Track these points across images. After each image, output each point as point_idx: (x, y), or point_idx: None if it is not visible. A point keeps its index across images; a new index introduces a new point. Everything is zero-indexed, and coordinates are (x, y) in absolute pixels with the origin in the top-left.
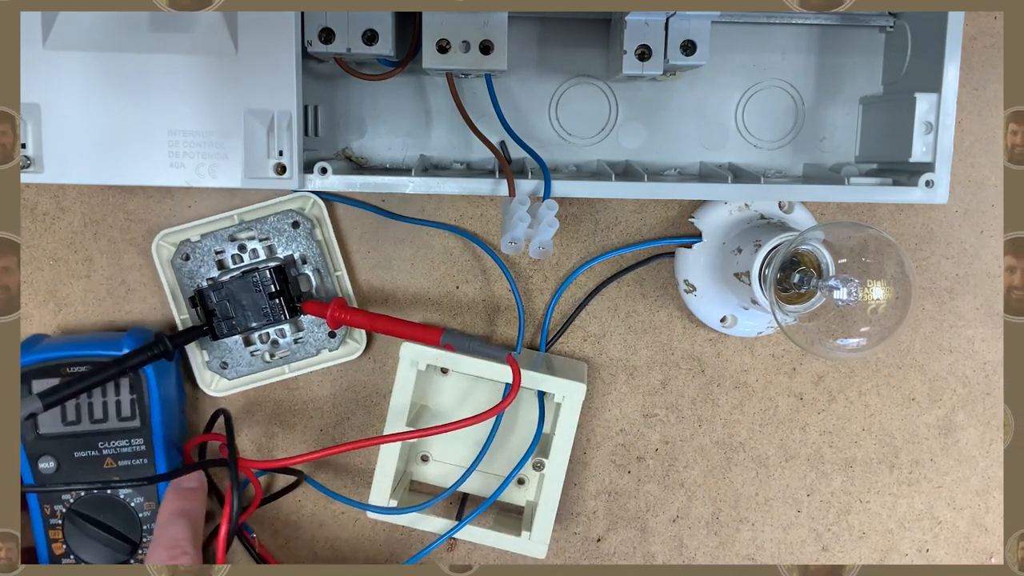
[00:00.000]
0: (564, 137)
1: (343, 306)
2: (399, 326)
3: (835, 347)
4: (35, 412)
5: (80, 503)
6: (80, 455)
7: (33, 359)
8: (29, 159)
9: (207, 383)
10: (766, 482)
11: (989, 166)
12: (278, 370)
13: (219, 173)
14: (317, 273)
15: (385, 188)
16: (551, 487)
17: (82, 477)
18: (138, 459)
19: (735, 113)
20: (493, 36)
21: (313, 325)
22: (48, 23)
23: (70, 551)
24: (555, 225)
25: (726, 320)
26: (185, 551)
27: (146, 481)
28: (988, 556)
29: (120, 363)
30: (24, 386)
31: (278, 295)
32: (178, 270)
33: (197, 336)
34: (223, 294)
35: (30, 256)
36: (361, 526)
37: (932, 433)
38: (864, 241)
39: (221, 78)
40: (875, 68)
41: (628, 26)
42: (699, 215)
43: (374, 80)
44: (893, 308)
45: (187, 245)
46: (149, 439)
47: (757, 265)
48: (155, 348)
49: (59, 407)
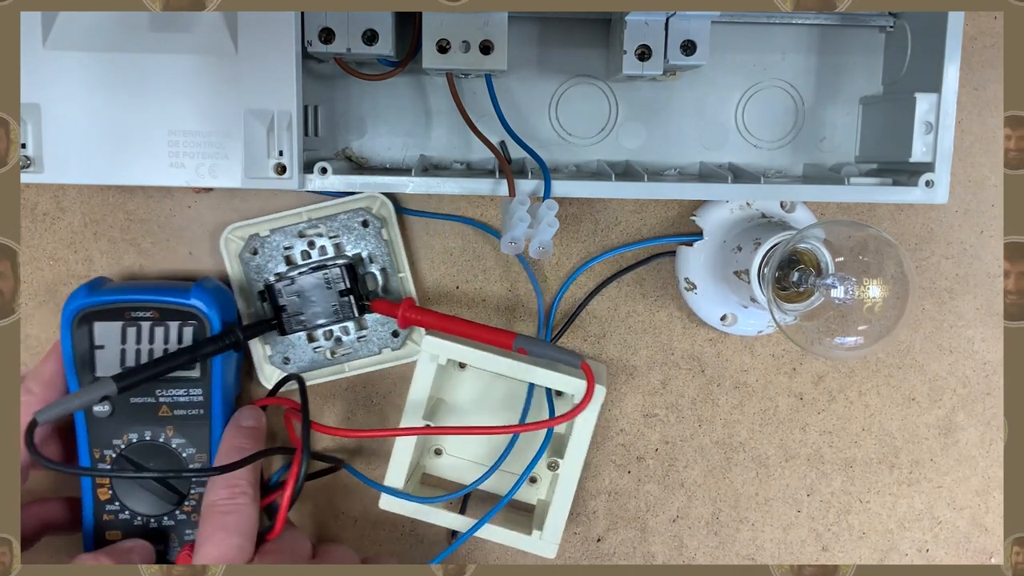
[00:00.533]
0: (564, 137)
1: (413, 306)
2: (471, 328)
3: (833, 346)
4: (109, 395)
5: (131, 449)
6: (136, 401)
7: (97, 300)
8: (29, 159)
9: (267, 377)
10: (766, 482)
11: (989, 166)
12: (338, 368)
13: (219, 173)
14: (383, 273)
15: (385, 188)
16: (565, 488)
17: (137, 423)
18: (194, 409)
19: (735, 113)
20: (493, 36)
21: (377, 324)
22: (48, 23)
23: (116, 497)
24: (555, 225)
25: (726, 318)
26: (244, 491)
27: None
28: (988, 556)
29: (191, 351)
30: (85, 327)
31: (348, 293)
32: (246, 264)
33: (266, 330)
34: (293, 289)
35: (30, 256)
36: (359, 526)
37: (932, 433)
38: (863, 240)
39: (221, 78)
40: (875, 68)
41: (628, 26)
42: (701, 213)
43: (374, 80)
44: (891, 307)
45: (256, 240)
46: (208, 390)
47: (756, 263)
48: (226, 338)
49: (120, 351)
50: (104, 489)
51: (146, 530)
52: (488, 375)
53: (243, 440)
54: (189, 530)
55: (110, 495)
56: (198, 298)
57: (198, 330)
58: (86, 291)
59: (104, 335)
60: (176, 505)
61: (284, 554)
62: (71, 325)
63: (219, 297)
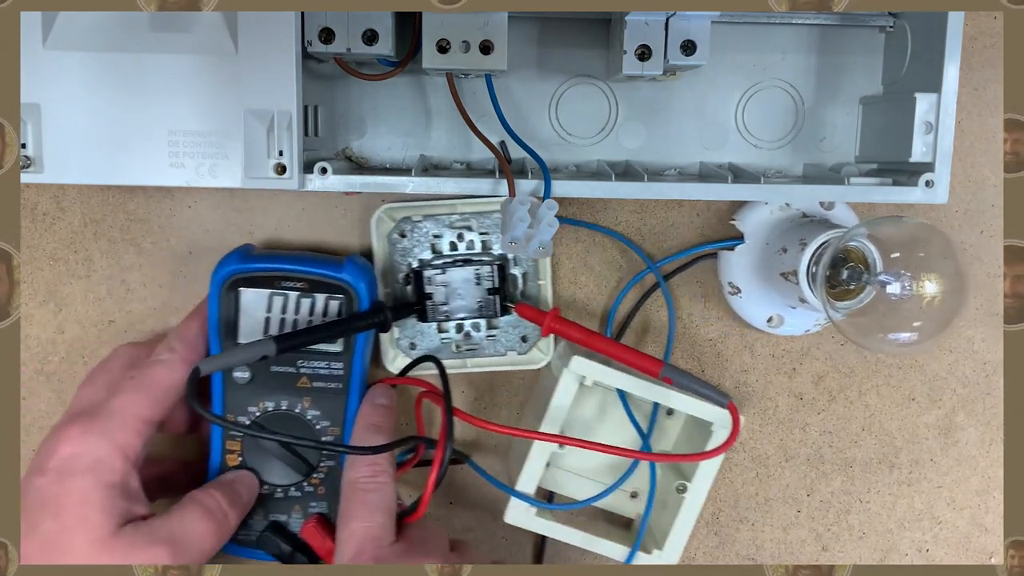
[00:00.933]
0: (564, 137)
1: (560, 317)
2: (617, 349)
3: (887, 342)
4: (268, 355)
5: (266, 418)
6: (276, 369)
7: (250, 267)
8: (29, 159)
9: (390, 360)
10: (766, 482)
11: (989, 166)
12: (460, 362)
13: (219, 173)
14: (524, 277)
15: (385, 188)
16: (691, 509)
17: (276, 392)
18: (334, 383)
19: (735, 113)
20: (493, 36)
21: (509, 326)
22: (48, 23)
23: (244, 464)
24: (555, 225)
25: (772, 320)
26: (384, 469)
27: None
28: (988, 556)
29: (345, 323)
30: (232, 293)
31: (495, 292)
32: (392, 245)
33: (410, 314)
34: (442, 279)
35: (30, 256)
36: None
37: (932, 433)
38: (917, 235)
39: (221, 78)
40: (875, 68)
41: (628, 26)
42: (740, 216)
43: (374, 80)
44: (949, 301)
45: (407, 223)
46: (349, 364)
47: (804, 263)
48: (376, 316)
49: (264, 319)
50: (234, 455)
51: (270, 499)
52: (612, 393)
53: (378, 418)
54: (314, 503)
55: (239, 461)
56: (350, 273)
57: (345, 304)
58: (238, 257)
59: (251, 302)
60: (305, 476)
61: (426, 544)
62: (220, 289)
63: (367, 274)
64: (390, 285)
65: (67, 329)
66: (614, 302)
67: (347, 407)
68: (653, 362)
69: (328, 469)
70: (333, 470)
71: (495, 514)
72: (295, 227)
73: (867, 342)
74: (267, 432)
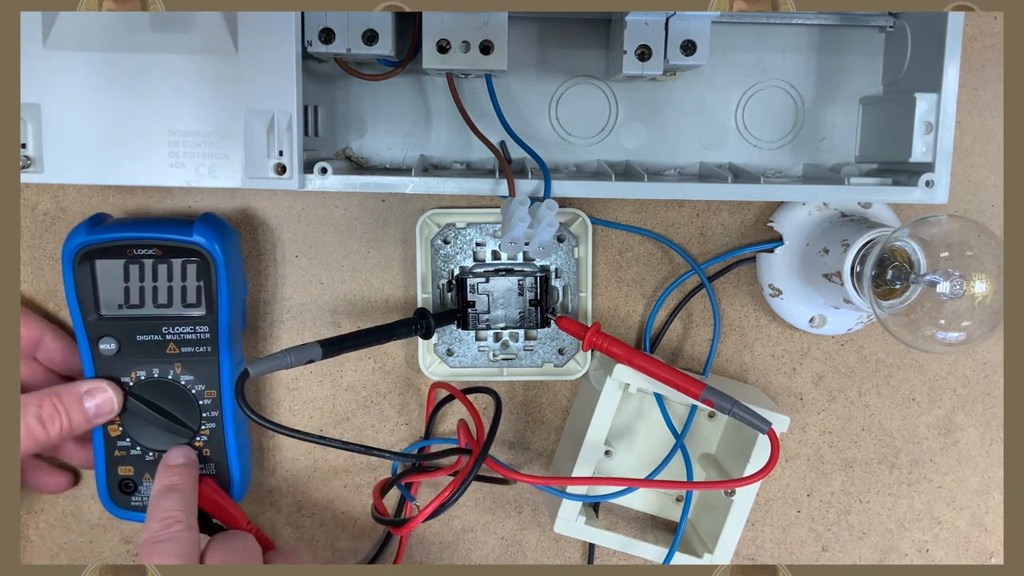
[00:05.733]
0: (564, 137)
1: (601, 332)
2: (660, 368)
3: (937, 340)
4: (313, 359)
5: (140, 387)
6: (143, 338)
7: (98, 238)
8: (29, 159)
9: (427, 365)
10: (766, 482)
11: (989, 166)
12: (496, 370)
13: (219, 173)
14: (564, 289)
15: (385, 188)
16: (740, 511)
17: (144, 360)
18: (202, 347)
19: (735, 113)
20: (493, 36)
21: (547, 338)
22: (48, 23)
23: (126, 433)
24: (555, 225)
25: (814, 320)
26: (178, 519)
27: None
28: (988, 556)
29: (389, 329)
30: (86, 265)
31: (537, 303)
32: (435, 251)
33: (451, 321)
34: (486, 288)
35: (30, 256)
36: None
37: (932, 433)
38: (967, 234)
39: (221, 78)
40: (875, 68)
41: (628, 26)
42: (777, 218)
43: (374, 80)
44: (996, 301)
45: (451, 229)
46: (214, 327)
47: (848, 263)
48: (419, 323)
49: (124, 289)
50: (115, 426)
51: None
52: (649, 396)
53: (174, 478)
54: (200, 464)
55: (120, 431)
56: (201, 234)
57: (201, 268)
58: (87, 228)
59: (107, 272)
60: (189, 440)
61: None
62: (72, 262)
63: (222, 234)
64: (427, 289)
65: (67, 326)
66: (652, 310)
67: (220, 370)
68: (694, 383)
69: (210, 432)
70: (215, 432)
71: (495, 514)
72: (295, 227)
73: (915, 341)
74: (296, 432)
